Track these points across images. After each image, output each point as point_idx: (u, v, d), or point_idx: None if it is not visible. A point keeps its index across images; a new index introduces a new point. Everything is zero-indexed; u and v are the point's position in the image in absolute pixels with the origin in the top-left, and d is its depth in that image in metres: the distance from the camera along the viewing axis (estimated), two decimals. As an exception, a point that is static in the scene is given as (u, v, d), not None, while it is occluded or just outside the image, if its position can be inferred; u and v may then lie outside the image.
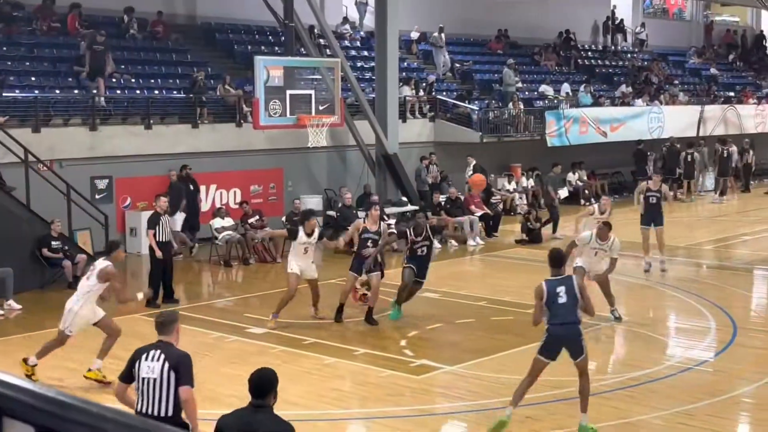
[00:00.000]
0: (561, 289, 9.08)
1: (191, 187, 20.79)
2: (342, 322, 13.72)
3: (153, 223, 15.07)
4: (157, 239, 14.98)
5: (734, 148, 31.01)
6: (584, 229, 15.84)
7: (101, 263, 10.85)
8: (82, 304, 10.70)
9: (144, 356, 7.00)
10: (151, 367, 6.90)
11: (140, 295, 12.02)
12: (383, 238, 13.87)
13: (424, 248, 13.86)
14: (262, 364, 11.35)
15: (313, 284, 13.90)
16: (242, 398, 5.88)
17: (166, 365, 6.87)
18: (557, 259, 9.47)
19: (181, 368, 6.88)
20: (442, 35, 29.92)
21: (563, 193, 25.84)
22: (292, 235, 13.90)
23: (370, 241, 13.70)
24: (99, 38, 20.93)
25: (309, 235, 13.54)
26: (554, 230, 21.91)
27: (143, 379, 6.92)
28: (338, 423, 9.81)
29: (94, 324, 10.85)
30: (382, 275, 14.10)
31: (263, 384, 5.90)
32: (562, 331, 9.04)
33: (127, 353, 11.87)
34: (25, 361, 10.88)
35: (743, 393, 10.59)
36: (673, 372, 11.13)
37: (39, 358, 10.90)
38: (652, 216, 17.84)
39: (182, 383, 6.86)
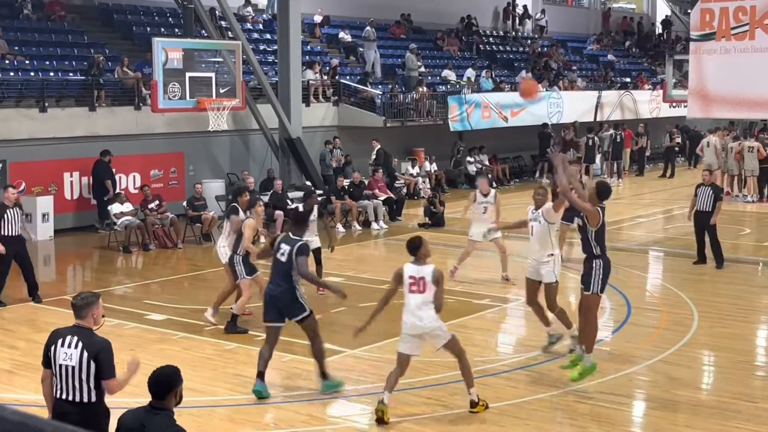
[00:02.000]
0: None
1: (113, 172, 20.67)
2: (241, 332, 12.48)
3: None
4: (4, 233, 13.63)
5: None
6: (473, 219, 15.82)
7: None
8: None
9: (60, 341, 6.60)
10: (69, 354, 6.52)
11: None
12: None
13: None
14: (162, 351, 11.26)
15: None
16: (141, 386, 5.77)
17: (86, 354, 6.50)
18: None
19: (102, 359, 6.51)
20: (373, 30, 29.76)
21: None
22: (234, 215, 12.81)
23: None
24: None
25: (246, 212, 12.83)
26: None
27: (60, 365, 6.56)
28: (241, 408, 9.74)
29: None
30: None
31: (161, 384, 5.67)
32: None
33: (28, 344, 11.61)
34: (475, 403, 9.35)
35: (637, 371, 10.90)
36: (570, 351, 11.37)
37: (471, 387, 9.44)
38: None
39: (105, 377, 6.52)
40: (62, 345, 6.58)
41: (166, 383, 5.67)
